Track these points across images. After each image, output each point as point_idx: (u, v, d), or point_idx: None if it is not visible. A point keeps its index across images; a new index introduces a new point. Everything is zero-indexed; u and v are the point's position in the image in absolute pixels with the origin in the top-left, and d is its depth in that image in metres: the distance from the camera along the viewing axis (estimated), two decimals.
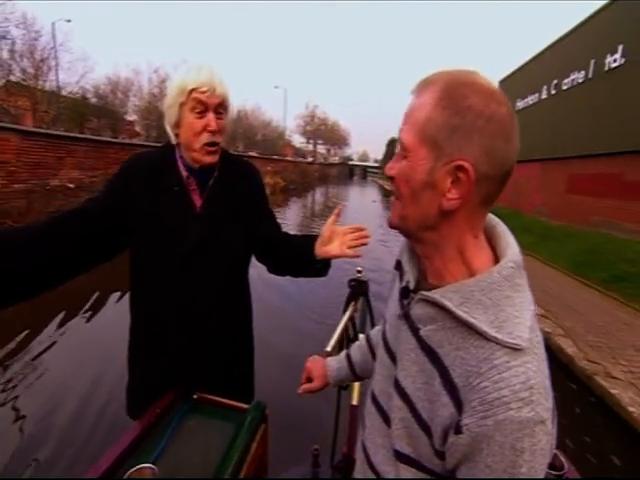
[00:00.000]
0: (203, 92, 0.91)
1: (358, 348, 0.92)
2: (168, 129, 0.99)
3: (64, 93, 23.52)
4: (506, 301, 0.47)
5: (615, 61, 7.77)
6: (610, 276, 5.62)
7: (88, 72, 24.47)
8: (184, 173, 1.00)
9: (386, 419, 0.59)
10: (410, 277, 0.59)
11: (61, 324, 3.78)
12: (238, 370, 1.15)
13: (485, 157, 0.46)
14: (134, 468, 0.74)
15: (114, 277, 3.15)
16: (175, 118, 0.95)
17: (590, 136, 8.62)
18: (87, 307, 4.23)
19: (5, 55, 18.97)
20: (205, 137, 0.94)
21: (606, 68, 8.10)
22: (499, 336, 0.45)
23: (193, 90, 0.91)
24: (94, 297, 4.49)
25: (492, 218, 0.56)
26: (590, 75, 8.81)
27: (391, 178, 0.54)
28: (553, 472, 0.77)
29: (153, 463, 0.76)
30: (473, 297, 0.47)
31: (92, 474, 0.73)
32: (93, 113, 31.08)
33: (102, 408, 2.48)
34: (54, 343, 3.40)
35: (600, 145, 8.19)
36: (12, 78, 20.97)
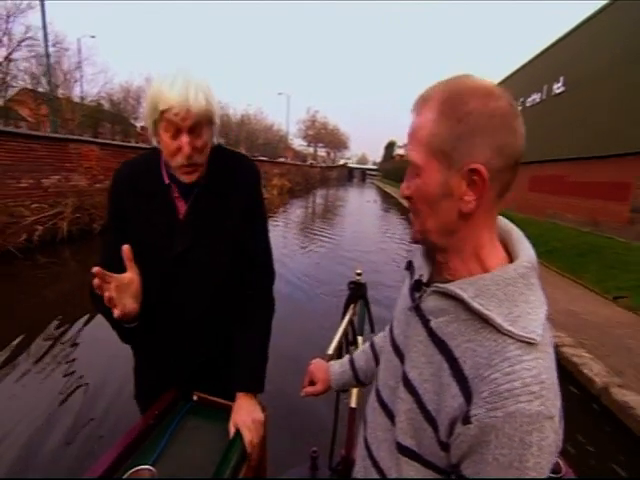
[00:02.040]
0: (175, 114, 0.80)
1: (362, 353, 0.93)
2: (150, 137, 0.91)
3: (82, 101, 25.72)
4: (521, 297, 0.47)
5: (558, 88, 9.95)
6: (544, 250, 7.68)
7: (107, 83, 26.82)
8: (166, 180, 0.94)
9: (389, 413, 0.60)
10: (424, 271, 0.60)
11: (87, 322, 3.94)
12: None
13: (495, 153, 0.47)
14: (133, 469, 0.74)
15: None
16: (152, 132, 0.87)
17: (544, 144, 10.75)
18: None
19: (34, 69, 21.11)
20: (180, 159, 0.86)
21: (553, 93, 10.27)
22: (513, 330, 0.45)
23: (164, 111, 0.80)
24: None
25: (507, 223, 0.57)
26: (544, 97, 10.99)
27: (408, 198, 0.54)
28: (551, 475, 0.76)
29: (152, 464, 0.77)
30: (488, 291, 0.48)
31: (90, 475, 0.73)
32: (107, 119, 33.38)
33: None
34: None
35: (550, 152, 10.33)
36: (39, 89, 23.13)
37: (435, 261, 0.59)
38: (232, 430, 0.88)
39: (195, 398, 1.00)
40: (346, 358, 0.96)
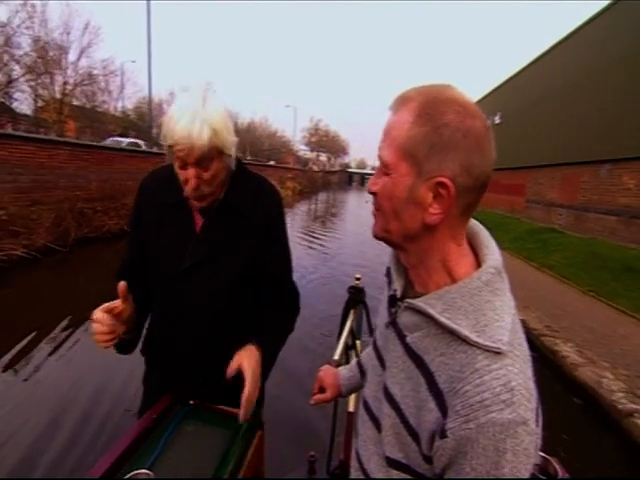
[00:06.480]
0: (180, 150, 0.83)
1: (367, 355, 0.89)
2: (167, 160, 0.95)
3: (117, 114, 30.09)
4: (487, 305, 0.48)
5: (497, 120, 14.30)
6: None
7: (144, 98, 31.15)
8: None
9: (378, 426, 0.59)
10: (397, 286, 0.60)
11: None
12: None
13: (463, 171, 0.47)
14: (130, 473, 0.74)
15: None
16: (169, 156, 0.90)
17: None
18: None
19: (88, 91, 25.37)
20: (188, 189, 0.89)
21: (494, 123, 14.61)
22: (480, 340, 0.46)
23: (171, 146, 0.84)
24: None
25: (475, 224, 0.57)
26: (491, 124, 15.32)
27: (373, 194, 0.54)
28: (545, 478, 0.74)
29: (149, 469, 0.76)
30: (455, 303, 0.48)
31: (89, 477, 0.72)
32: (134, 128, 37.66)
33: None
34: None
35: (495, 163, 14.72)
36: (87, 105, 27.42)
37: (407, 274, 0.59)
38: (233, 367, 0.86)
39: (192, 402, 1.01)
40: (353, 362, 0.97)
